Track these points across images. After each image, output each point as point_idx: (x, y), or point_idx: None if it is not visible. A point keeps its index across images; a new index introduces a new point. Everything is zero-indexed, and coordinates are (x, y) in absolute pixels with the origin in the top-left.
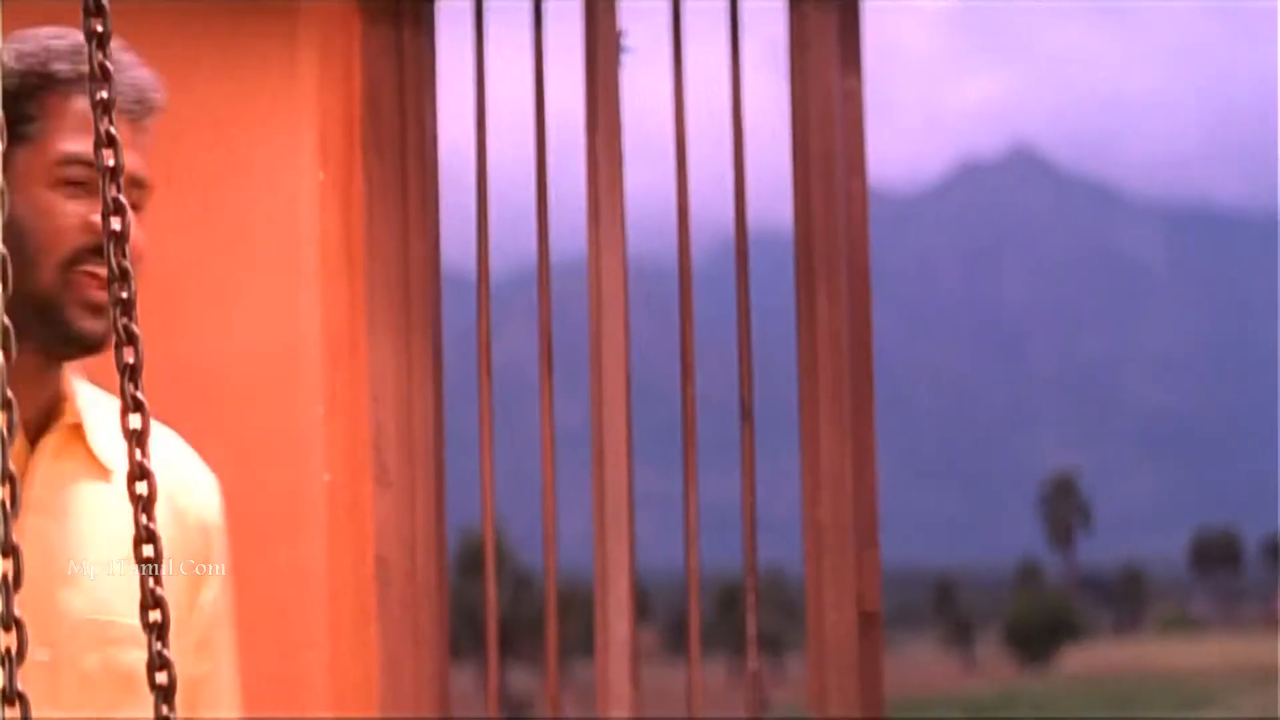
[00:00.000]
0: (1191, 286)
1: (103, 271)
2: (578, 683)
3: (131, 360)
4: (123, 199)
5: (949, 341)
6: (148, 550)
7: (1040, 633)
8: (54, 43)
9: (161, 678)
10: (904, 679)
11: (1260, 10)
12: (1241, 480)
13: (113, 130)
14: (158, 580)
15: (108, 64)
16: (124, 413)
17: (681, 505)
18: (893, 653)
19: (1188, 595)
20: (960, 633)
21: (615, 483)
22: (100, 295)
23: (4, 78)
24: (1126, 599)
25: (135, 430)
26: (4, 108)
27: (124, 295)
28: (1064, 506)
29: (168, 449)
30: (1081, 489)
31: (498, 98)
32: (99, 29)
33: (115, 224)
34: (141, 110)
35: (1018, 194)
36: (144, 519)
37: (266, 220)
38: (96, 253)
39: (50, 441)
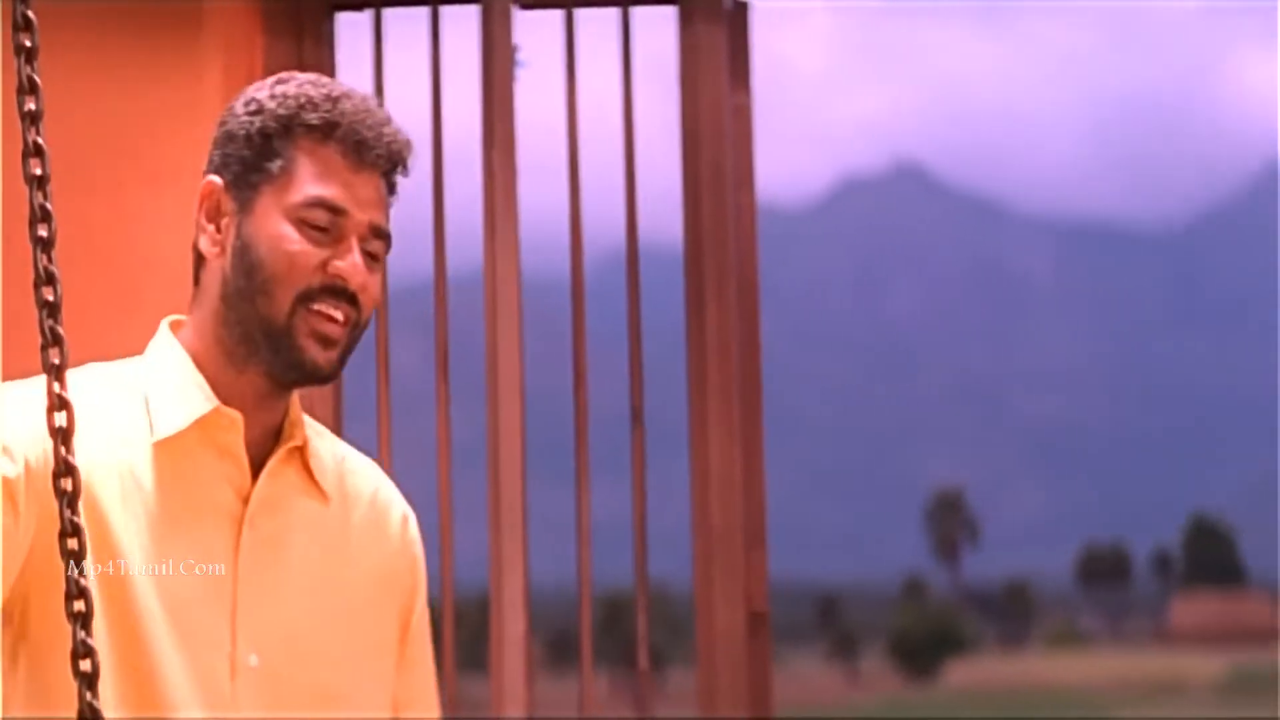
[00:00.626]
0: (1078, 301)
1: (335, 313)
2: (468, 698)
3: (57, 360)
4: (49, 206)
5: (836, 357)
6: (71, 544)
7: (925, 646)
8: (310, 90)
9: (85, 665)
10: (788, 692)
11: (1146, 24)
12: (1130, 494)
13: (40, 141)
14: (81, 573)
15: (35, 77)
16: (49, 410)
17: (574, 518)
18: (777, 666)
19: (1075, 609)
20: (845, 646)
21: (510, 495)
22: (332, 329)
23: (260, 116)
24: (1013, 613)
25: (60, 428)
26: (256, 145)
27: (50, 299)
28: (950, 520)
29: (385, 481)
30: (968, 503)
31: (396, 110)
32: (27, 44)
33: (42, 231)
34: (392, 168)
35: (902, 209)
36: (68, 513)
37: (172, 223)
38: (330, 293)
39: (275, 462)
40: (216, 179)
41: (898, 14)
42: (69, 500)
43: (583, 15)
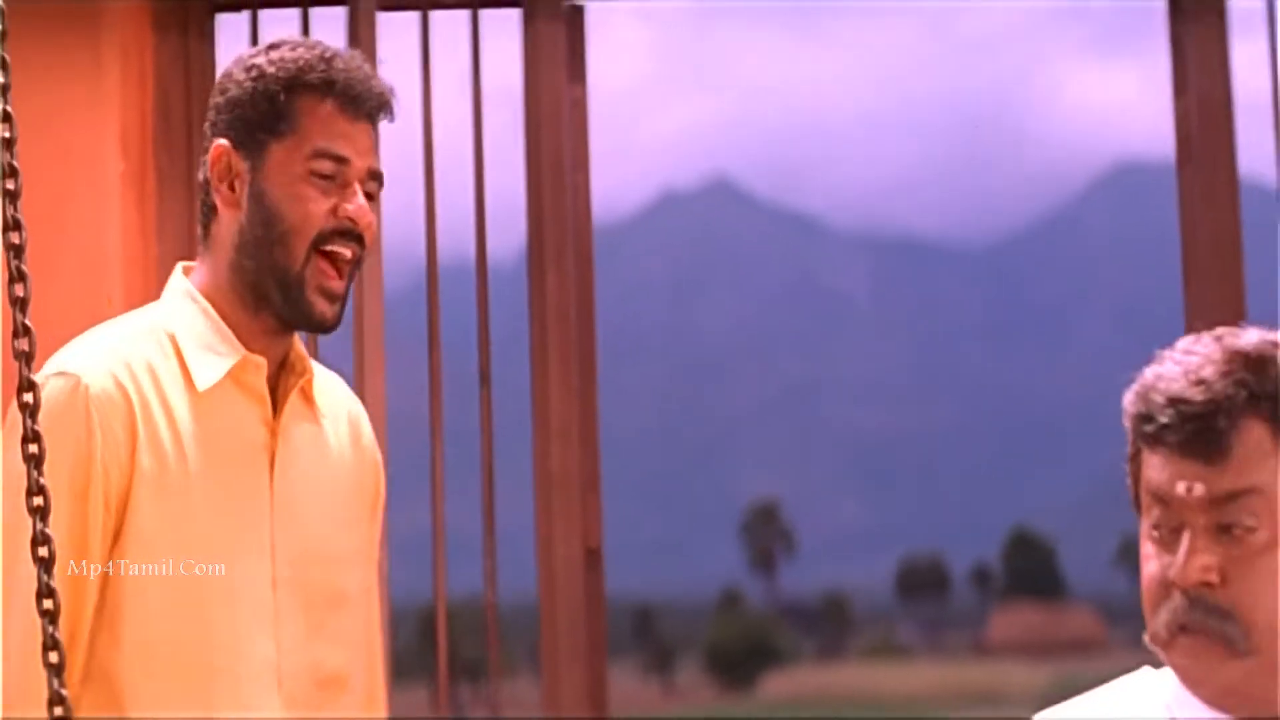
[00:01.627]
0: (895, 314)
1: (345, 251)
2: None
3: (25, 349)
4: (20, 217)
5: (652, 368)
6: (42, 552)
7: (741, 658)
8: (304, 53)
9: (53, 657)
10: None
11: (964, 36)
12: (949, 507)
13: (14, 163)
14: (51, 577)
15: (9, 109)
16: (19, 392)
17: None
18: None
19: (893, 621)
20: (661, 659)
21: None
22: (336, 285)
23: (262, 80)
24: (830, 624)
25: (27, 404)
26: (261, 108)
27: (21, 294)
28: (766, 532)
29: (348, 392)
30: (785, 515)
31: None
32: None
33: (14, 238)
34: (380, 114)
35: (718, 223)
36: (40, 525)
37: (79, 204)
38: (340, 235)
39: (292, 393)
40: (224, 141)
41: (710, 23)
42: (41, 515)
43: (437, 17)
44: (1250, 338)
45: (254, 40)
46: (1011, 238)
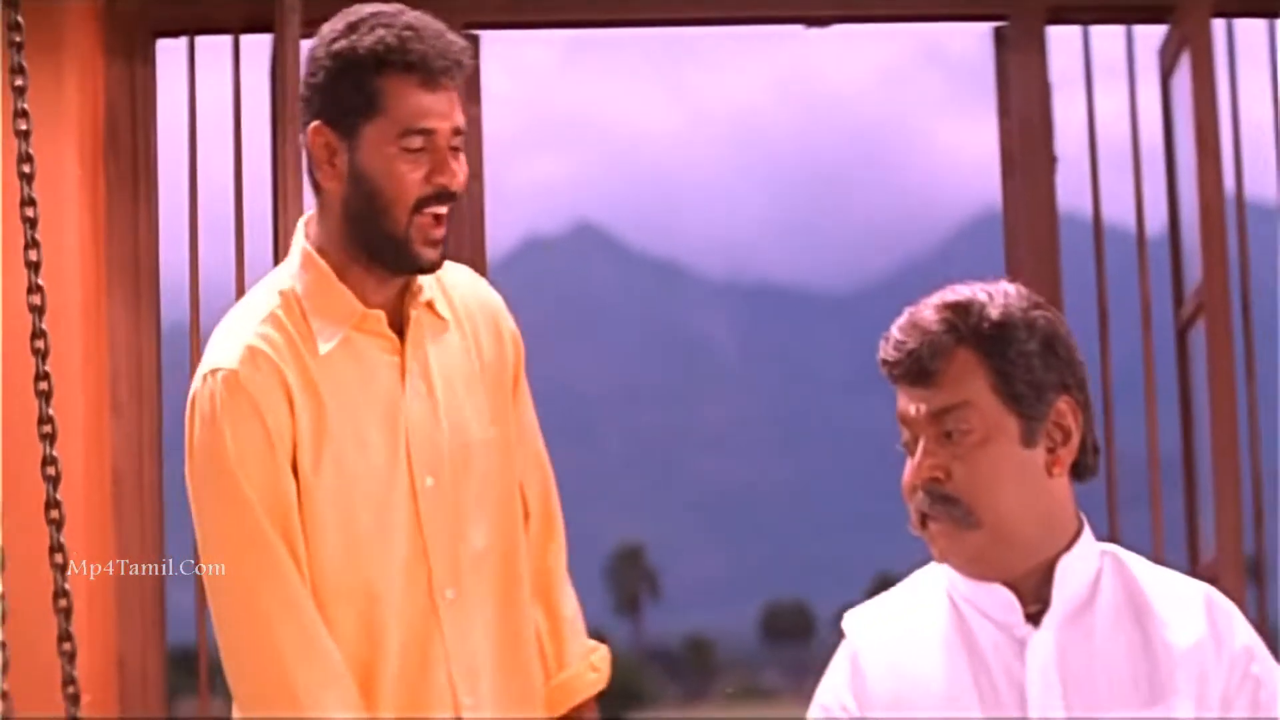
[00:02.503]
0: (759, 362)
1: (441, 209)
2: None
3: (41, 347)
4: (38, 236)
5: None
6: (58, 559)
7: (607, 701)
8: (383, 33)
9: (67, 646)
10: None
11: (823, 96)
12: (814, 553)
13: (32, 194)
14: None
15: (30, 151)
16: (37, 380)
17: None
18: None
19: (758, 667)
20: None
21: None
22: (438, 234)
23: (348, 64)
24: (694, 669)
25: (50, 477)
26: (350, 92)
27: (38, 303)
28: (631, 576)
29: (474, 286)
30: (649, 560)
31: (206, 127)
32: (24, 127)
33: (33, 255)
34: (458, 72)
35: (582, 270)
36: (57, 535)
37: (42, 207)
38: (434, 199)
39: (415, 317)
40: (320, 122)
41: (575, 74)
42: (58, 526)
43: None
44: (964, 291)
45: (190, 66)
46: (875, 285)
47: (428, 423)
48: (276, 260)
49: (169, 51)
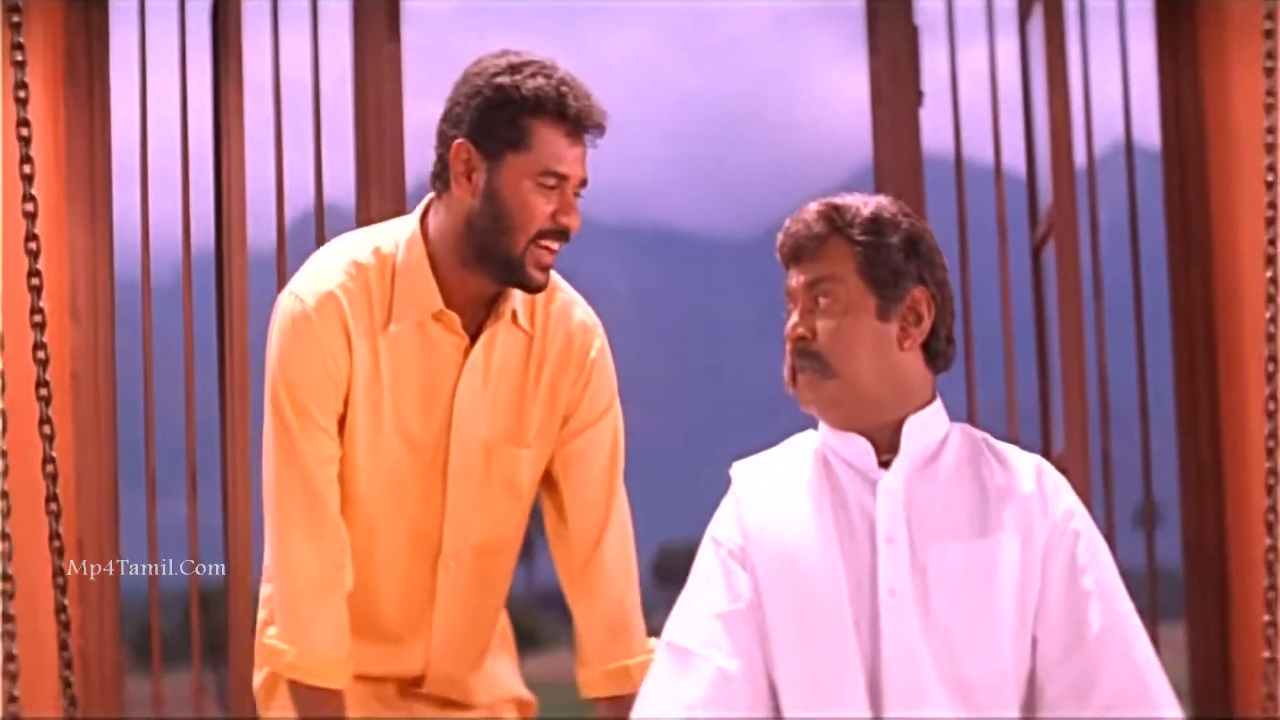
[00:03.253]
0: (657, 308)
1: (555, 244)
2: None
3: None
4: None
5: None
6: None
7: None
8: (543, 81)
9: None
10: None
11: (714, 43)
12: (708, 498)
13: (34, 193)
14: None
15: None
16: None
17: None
18: None
19: (651, 608)
20: None
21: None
22: (549, 259)
23: (506, 99)
24: None
25: (50, 475)
26: (504, 124)
27: (36, 283)
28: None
29: (571, 310)
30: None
31: (157, 54)
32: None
33: (32, 244)
34: (597, 135)
35: None
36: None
37: (8, 134)
38: (552, 234)
39: (493, 323)
40: (465, 140)
41: (467, 24)
42: (56, 515)
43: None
44: (847, 197)
45: (142, 10)
46: (773, 228)
47: (473, 417)
48: (219, 187)
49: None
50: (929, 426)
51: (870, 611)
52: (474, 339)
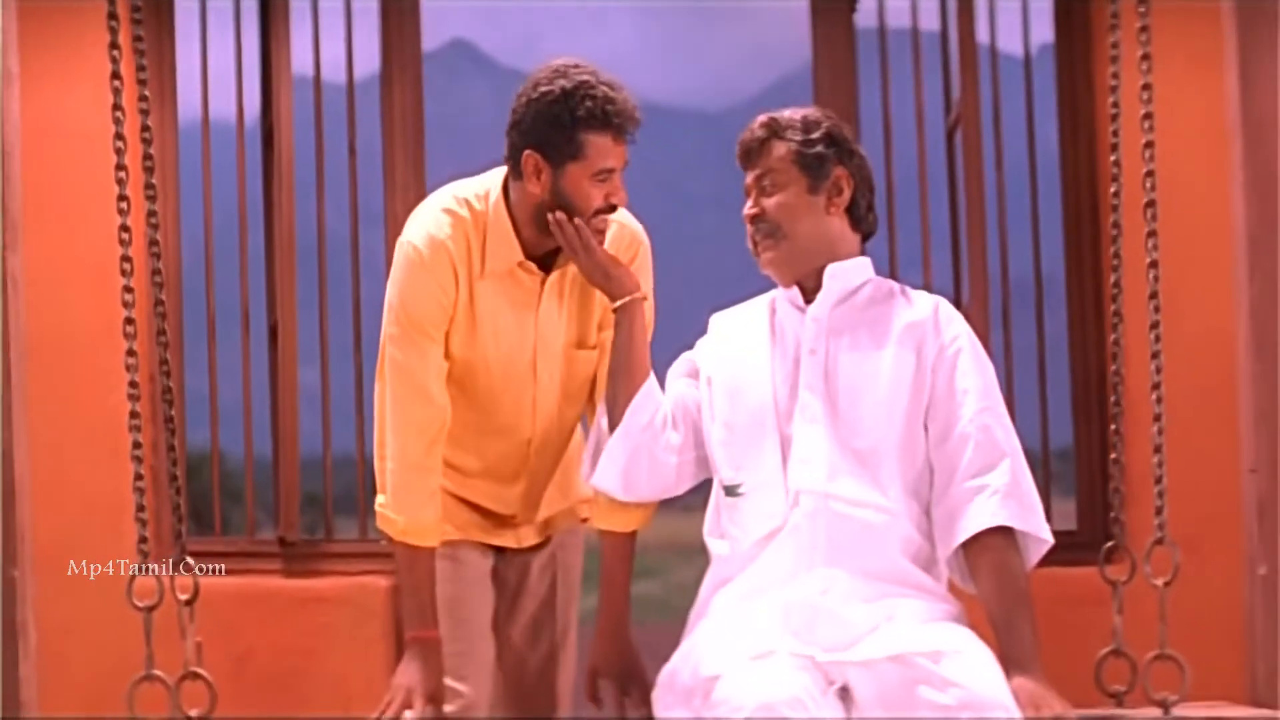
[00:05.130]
0: (627, 174)
1: (608, 215)
2: None
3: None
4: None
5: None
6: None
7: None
8: (591, 105)
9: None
10: None
11: None
12: (670, 357)
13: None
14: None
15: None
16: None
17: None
18: None
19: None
20: None
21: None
22: (604, 226)
23: (565, 112)
24: None
25: (167, 404)
26: (563, 139)
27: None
28: None
29: (630, 232)
30: None
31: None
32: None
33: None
34: (636, 130)
35: (454, 83)
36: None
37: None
38: (605, 210)
39: (563, 263)
40: (532, 151)
41: None
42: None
43: None
44: (785, 111)
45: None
46: (745, 103)
47: (552, 333)
48: (265, 66)
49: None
50: (849, 272)
51: (789, 402)
52: (548, 272)
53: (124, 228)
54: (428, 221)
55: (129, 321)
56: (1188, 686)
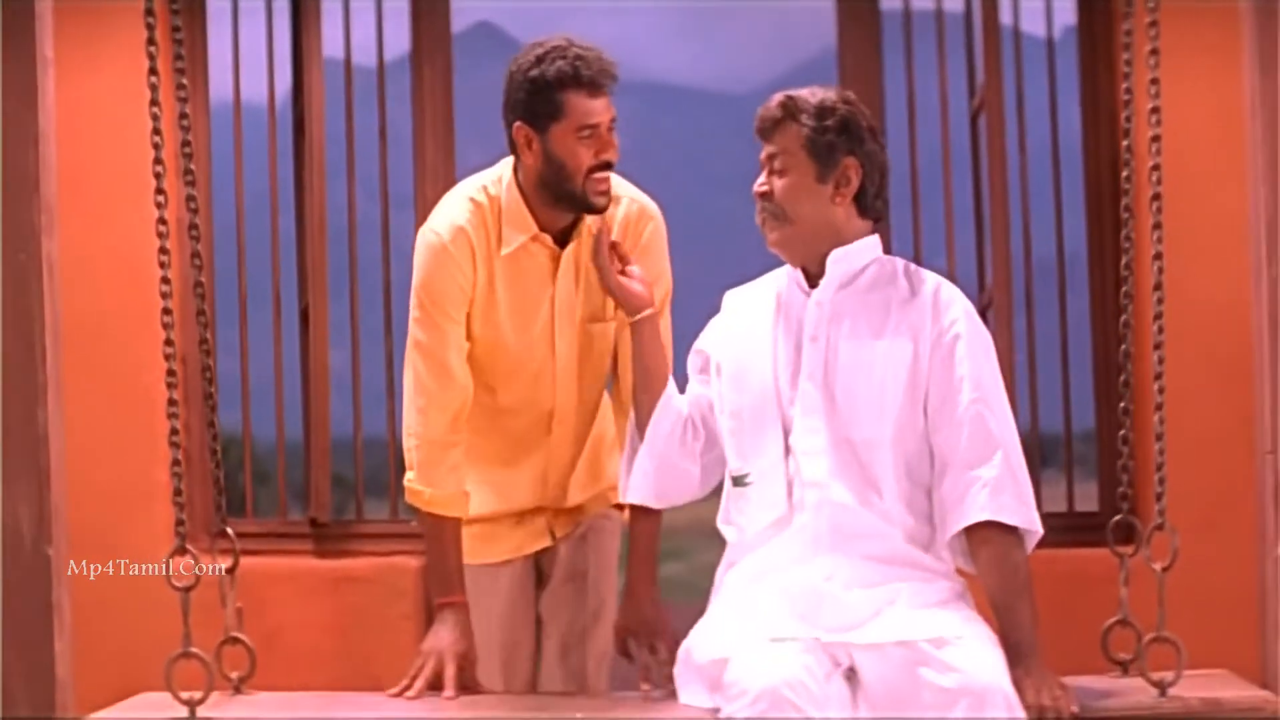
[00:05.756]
0: (649, 155)
1: (605, 173)
2: None
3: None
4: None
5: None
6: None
7: None
8: (562, 64)
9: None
10: None
11: None
12: (688, 334)
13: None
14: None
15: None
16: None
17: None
18: None
19: None
20: None
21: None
22: (604, 186)
23: (541, 82)
24: None
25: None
26: (542, 104)
27: (194, 234)
28: None
29: (627, 207)
30: None
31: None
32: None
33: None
34: (612, 82)
35: (481, 62)
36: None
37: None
38: (600, 168)
39: (578, 236)
40: (522, 124)
41: None
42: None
43: None
44: (803, 90)
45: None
46: (767, 85)
47: (569, 307)
48: (297, 49)
49: None
50: (852, 256)
51: (791, 391)
52: (565, 247)
53: (161, 220)
54: (447, 209)
55: (166, 312)
56: (1183, 666)
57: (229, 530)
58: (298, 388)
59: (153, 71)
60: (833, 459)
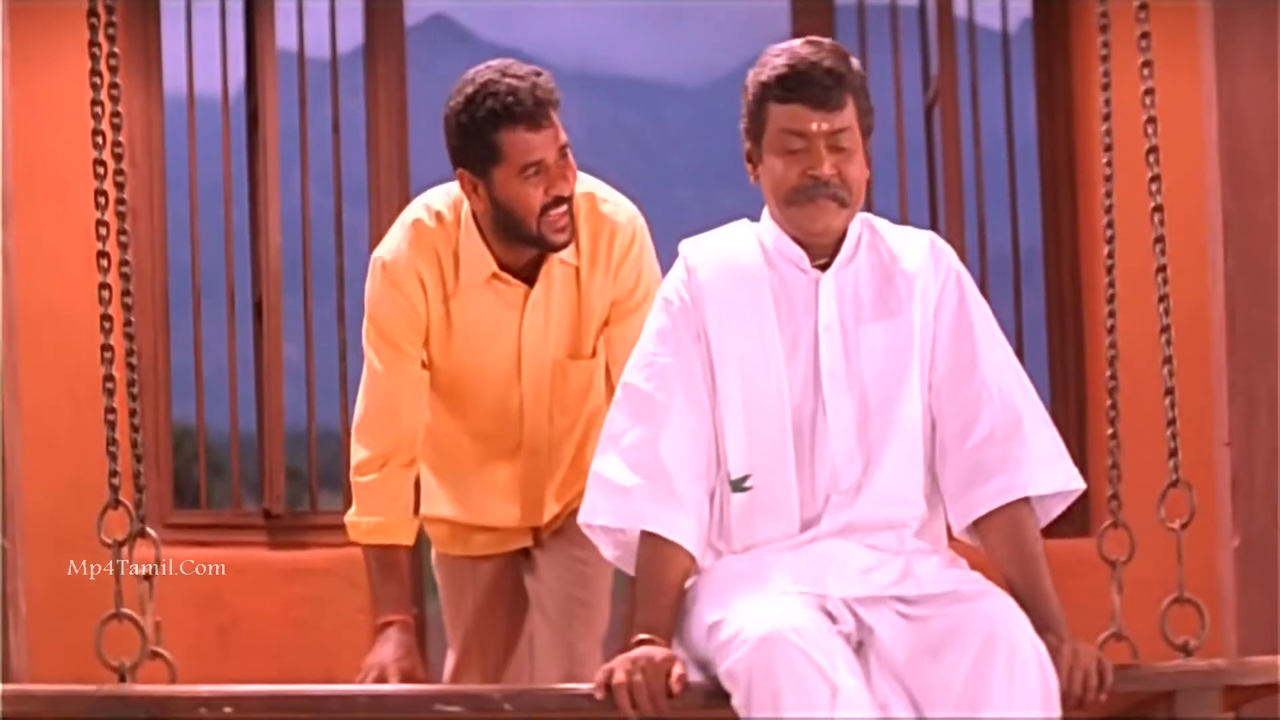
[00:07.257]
0: (606, 148)
1: (559, 209)
2: None
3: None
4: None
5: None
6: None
7: None
8: (493, 103)
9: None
10: None
11: None
12: None
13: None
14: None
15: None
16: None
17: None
18: None
19: None
20: None
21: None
22: (562, 222)
23: (474, 122)
24: None
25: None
26: (478, 148)
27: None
28: None
29: (626, 223)
30: None
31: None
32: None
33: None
34: (551, 108)
35: (435, 58)
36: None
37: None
38: (553, 205)
39: (546, 269)
40: (464, 170)
41: None
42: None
43: None
44: (828, 52)
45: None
46: (725, 78)
47: (539, 345)
48: (250, 38)
49: None
50: (854, 229)
51: (805, 388)
52: (532, 282)
53: (101, 222)
54: (399, 237)
55: (106, 319)
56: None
57: (150, 531)
58: (251, 380)
59: (94, 72)
60: (860, 464)
